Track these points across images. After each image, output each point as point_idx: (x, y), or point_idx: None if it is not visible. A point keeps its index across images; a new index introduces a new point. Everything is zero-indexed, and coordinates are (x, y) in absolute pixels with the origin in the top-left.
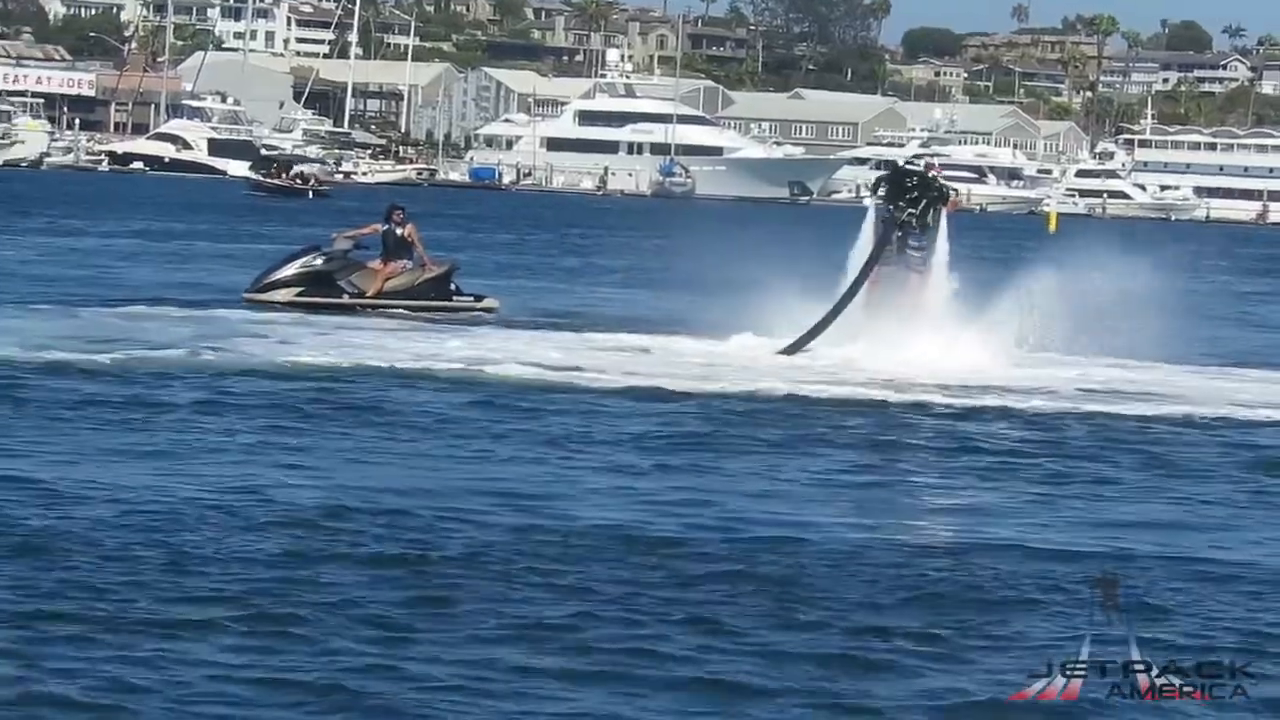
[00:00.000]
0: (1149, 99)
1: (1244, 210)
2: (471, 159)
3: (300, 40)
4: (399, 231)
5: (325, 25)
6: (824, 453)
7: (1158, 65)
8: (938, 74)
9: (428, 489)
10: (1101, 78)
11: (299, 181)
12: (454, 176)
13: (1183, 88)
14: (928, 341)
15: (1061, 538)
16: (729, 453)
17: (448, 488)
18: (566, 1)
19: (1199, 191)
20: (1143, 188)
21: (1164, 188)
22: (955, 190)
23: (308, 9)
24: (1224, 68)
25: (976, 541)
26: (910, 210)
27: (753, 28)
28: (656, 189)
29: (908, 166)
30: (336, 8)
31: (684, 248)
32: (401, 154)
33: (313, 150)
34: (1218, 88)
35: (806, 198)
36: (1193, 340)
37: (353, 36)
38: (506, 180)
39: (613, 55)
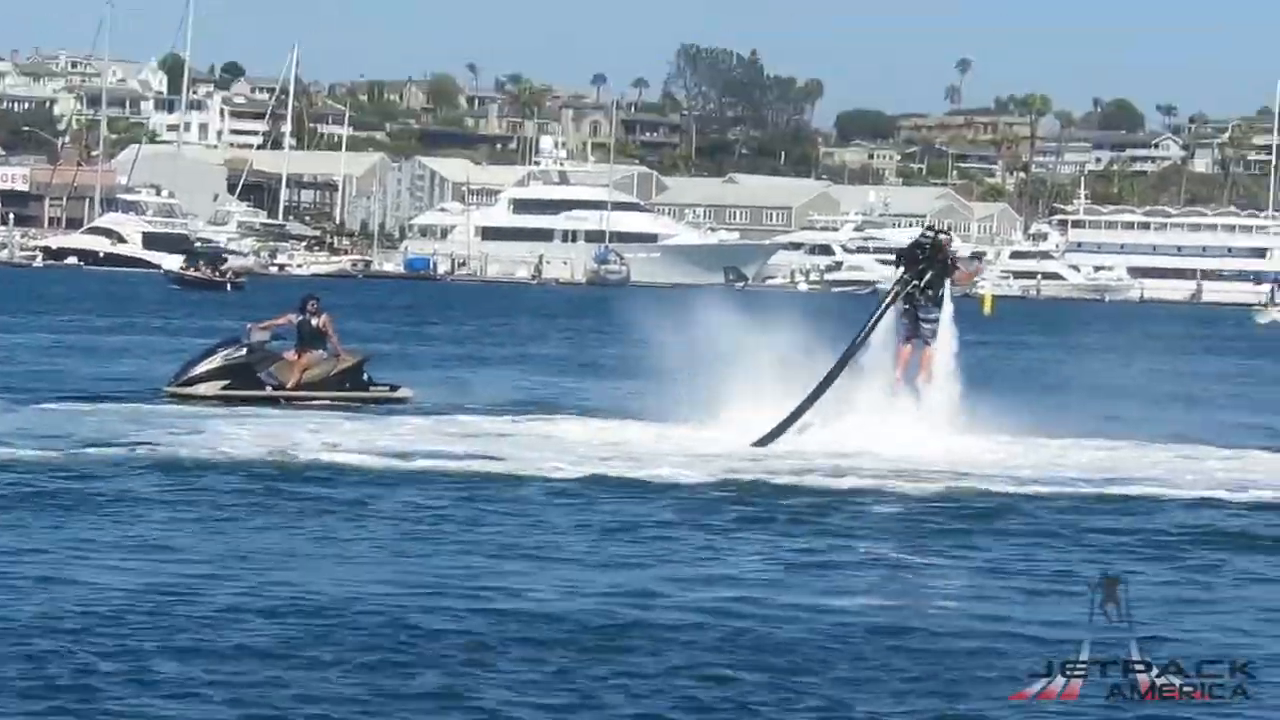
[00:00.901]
0: (1082, 179)
1: (1178, 290)
2: (406, 249)
3: (234, 131)
4: (314, 322)
5: (259, 116)
6: (787, 536)
7: (1090, 144)
8: (871, 156)
9: (379, 580)
10: (1035, 158)
11: (218, 275)
12: (389, 267)
13: (1115, 167)
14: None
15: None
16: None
17: (396, 579)
18: (500, 89)
19: (1133, 272)
20: (1077, 269)
21: (1098, 268)
22: (978, 261)
23: (241, 100)
24: (1156, 146)
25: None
26: (914, 282)
27: (685, 113)
28: (592, 277)
29: (922, 236)
30: (270, 99)
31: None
32: (336, 245)
33: (247, 243)
34: (1150, 166)
35: (742, 283)
36: None
37: (286, 127)
38: (441, 270)
39: (546, 142)
